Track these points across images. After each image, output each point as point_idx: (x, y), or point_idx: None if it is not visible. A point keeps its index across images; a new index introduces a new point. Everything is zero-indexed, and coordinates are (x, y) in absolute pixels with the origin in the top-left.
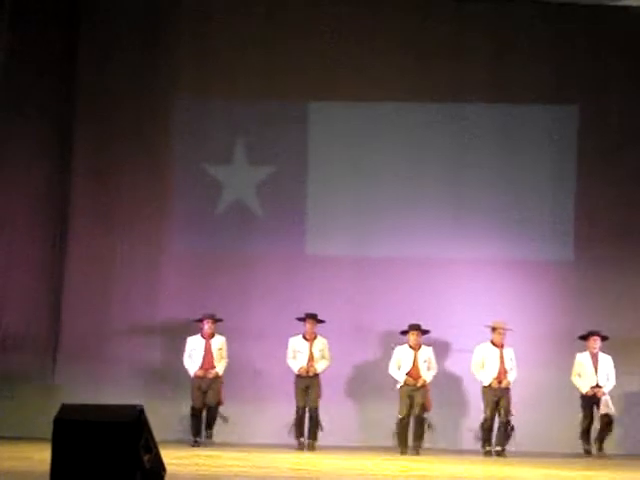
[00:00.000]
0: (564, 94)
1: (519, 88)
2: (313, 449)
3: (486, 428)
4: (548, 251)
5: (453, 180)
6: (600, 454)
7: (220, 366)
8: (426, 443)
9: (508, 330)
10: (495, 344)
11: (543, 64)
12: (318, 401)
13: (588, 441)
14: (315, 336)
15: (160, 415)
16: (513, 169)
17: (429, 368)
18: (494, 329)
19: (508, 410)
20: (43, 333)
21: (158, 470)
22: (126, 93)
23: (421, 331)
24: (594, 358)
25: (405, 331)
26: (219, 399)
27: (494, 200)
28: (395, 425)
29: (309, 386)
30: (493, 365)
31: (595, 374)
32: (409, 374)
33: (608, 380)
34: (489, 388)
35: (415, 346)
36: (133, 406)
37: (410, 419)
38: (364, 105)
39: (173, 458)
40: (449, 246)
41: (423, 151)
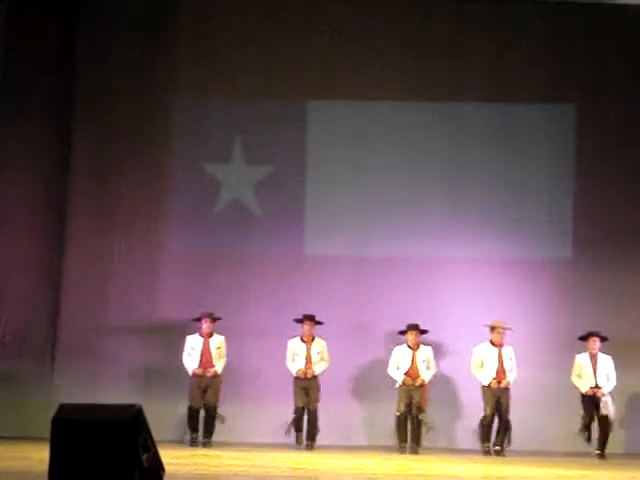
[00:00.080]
0: (562, 93)
1: (518, 87)
2: (311, 449)
3: (486, 425)
4: (546, 250)
5: (452, 179)
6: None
7: (219, 365)
8: (425, 442)
9: (507, 329)
10: (494, 344)
11: (541, 63)
12: (316, 404)
13: (589, 433)
14: (313, 338)
15: (159, 414)
16: (511, 168)
17: (428, 368)
18: (493, 328)
19: (508, 409)
20: (42, 332)
21: (157, 469)
22: (125, 92)
23: (419, 331)
24: (593, 359)
25: (403, 331)
26: (217, 399)
27: (492, 199)
28: (394, 421)
29: (308, 388)
30: (492, 365)
31: (594, 375)
32: (408, 374)
33: (608, 381)
34: (489, 388)
35: (414, 346)
36: (131, 405)
37: (408, 416)
38: (363, 104)
39: (172, 458)
40: (448, 245)
41: (422, 150)
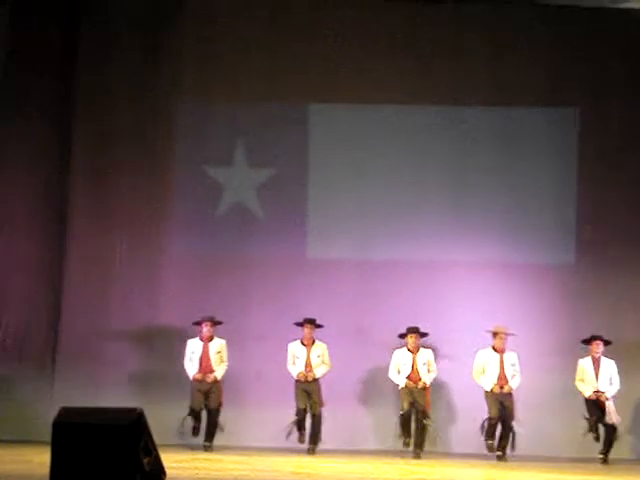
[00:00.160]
0: (564, 97)
1: (520, 91)
2: (313, 454)
3: (492, 424)
4: (549, 254)
5: (454, 183)
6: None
7: (219, 370)
8: (427, 446)
9: (510, 335)
10: (496, 349)
11: (543, 67)
12: (320, 408)
13: (597, 433)
14: (313, 341)
15: (160, 418)
16: (514, 172)
17: (429, 371)
18: (495, 334)
19: (512, 414)
20: (42, 335)
21: (158, 473)
22: (127, 94)
23: (420, 334)
24: (596, 363)
25: (404, 334)
26: (220, 403)
27: (495, 203)
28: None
29: (309, 391)
30: (493, 371)
31: (596, 379)
32: (409, 377)
33: (611, 385)
34: (491, 392)
35: (413, 349)
36: (133, 409)
37: (412, 414)
38: (366, 108)
39: (173, 461)
40: (451, 249)
41: (425, 154)
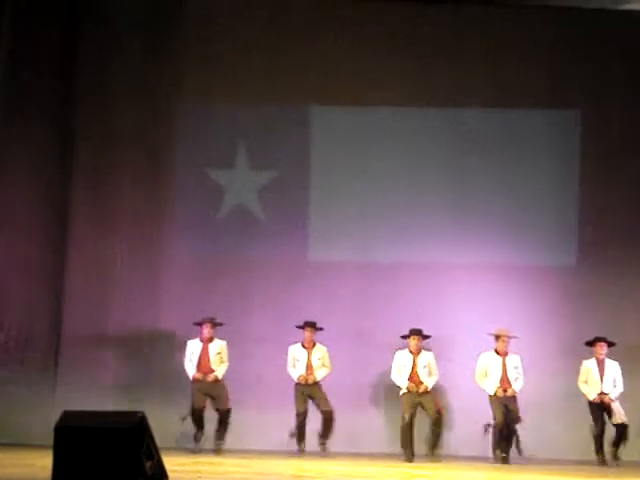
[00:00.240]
0: (565, 98)
1: (520, 93)
2: (325, 451)
3: (496, 434)
4: (550, 256)
5: (455, 185)
6: (616, 462)
7: (220, 370)
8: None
9: (512, 338)
10: (498, 352)
11: (544, 68)
12: (328, 404)
13: (602, 451)
14: (314, 344)
15: (162, 421)
16: (515, 174)
17: (430, 374)
18: (498, 337)
19: (517, 417)
20: (44, 338)
21: (160, 477)
22: (128, 95)
23: (422, 336)
24: (600, 365)
25: (406, 335)
26: (227, 402)
27: (496, 205)
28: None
29: (310, 394)
30: (495, 374)
31: (600, 381)
32: (410, 379)
33: (615, 387)
34: (495, 396)
35: (415, 351)
36: (135, 412)
37: (414, 424)
38: (367, 110)
39: (175, 465)
40: (452, 252)
41: (426, 156)
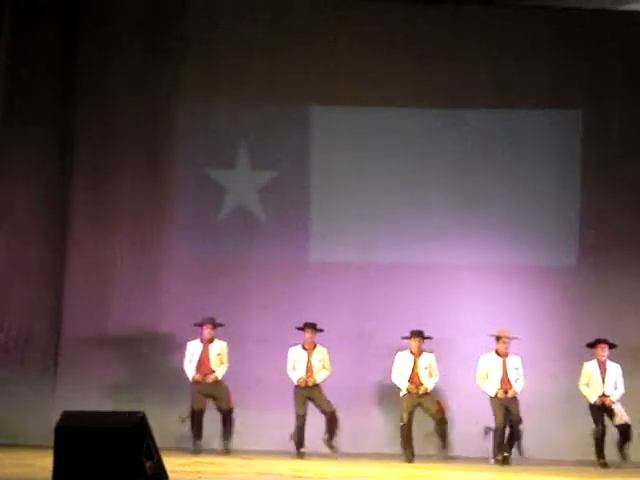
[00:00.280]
0: (567, 99)
1: (521, 93)
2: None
3: (498, 437)
4: (551, 257)
5: (456, 185)
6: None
7: (220, 371)
8: (430, 450)
9: (513, 339)
10: (499, 354)
11: (545, 69)
12: (330, 405)
13: (603, 453)
14: (314, 346)
15: (162, 421)
16: (516, 175)
17: (430, 375)
18: (499, 338)
19: (519, 418)
20: (45, 338)
21: (160, 477)
22: (128, 95)
23: (423, 337)
24: (602, 366)
25: (408, 337)
26: (229, 402)
27: (497, 206)
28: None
29: (310, 396)
30: (496, 375)
31: (602, 383)
32: (410, 380)
33: (616, 389)
34: (496, 398)
35: (416, 352)
36: (135, 412)
37: (412, 426)
38: (367, 110)
39: (175, 465)
40: (453, 252)
41: (427, 157)
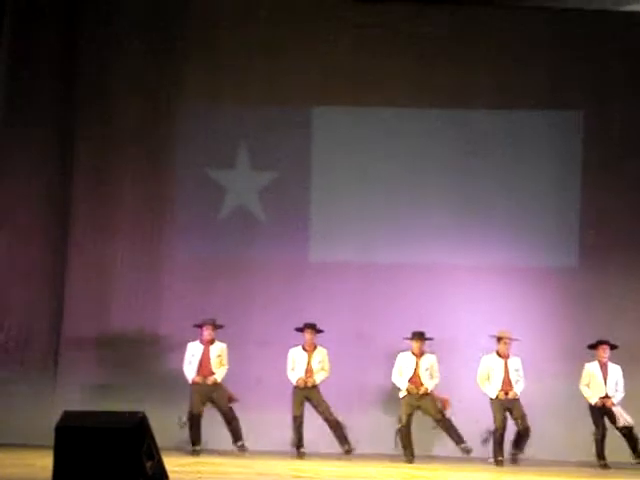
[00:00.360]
0: (567, 100)
1: (521, 93)
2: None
3: (497, 438)
4: (552, 258)
5: (457, 186)
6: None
7: (219, 373)
8: (431, 451)
9: (514, 340)
10: (500, 355)
11: (545, 69)
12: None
13: (603, 455)
14: (315, 347)
15: (162, 422)
16: (516, 175)
17: (431, 376)
18: (499, 339)
19: (524, 417)
20: (45, 338)
21: (160, 477)
22: (128, 96)
23: (424, 338)
24: (603, 368)
25: (409, 338)
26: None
27: (498, 206)
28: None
29: (309, 397)
30: (497, 376)
31: (604, 384)
32: (411, 381)
33: (617, 391)
34: (497, 400)
35: (418, 353)
36: (135, 412)
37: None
38: (368, 111)
39: (175, 465)
40: (453, 253)
41: (427, 157)
